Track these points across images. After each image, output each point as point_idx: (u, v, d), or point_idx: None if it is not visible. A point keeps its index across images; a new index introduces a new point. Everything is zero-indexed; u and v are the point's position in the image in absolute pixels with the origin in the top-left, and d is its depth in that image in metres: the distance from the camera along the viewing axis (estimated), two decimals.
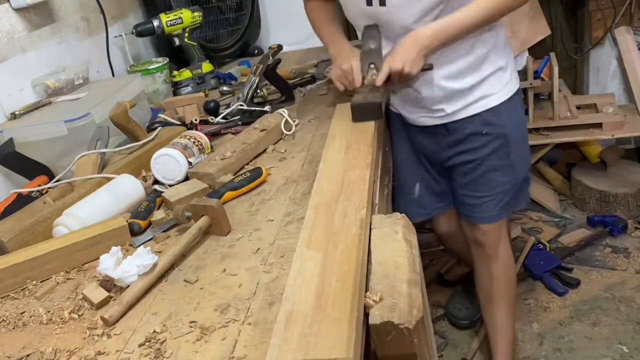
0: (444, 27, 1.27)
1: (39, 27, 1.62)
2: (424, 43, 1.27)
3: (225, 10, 2.30)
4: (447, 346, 2.02)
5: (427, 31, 1.27)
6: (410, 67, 1.28)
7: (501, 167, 1.50)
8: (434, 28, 1.28)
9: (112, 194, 1.14)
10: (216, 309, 0.81)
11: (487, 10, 1.27)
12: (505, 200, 1.54)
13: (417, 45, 1.27)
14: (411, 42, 1.28)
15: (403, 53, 1.28)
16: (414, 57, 1.27)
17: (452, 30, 1.28)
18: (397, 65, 1.27)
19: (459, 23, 1.27)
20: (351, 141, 1.17)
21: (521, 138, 1.54)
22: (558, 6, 2.72)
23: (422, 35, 1.27)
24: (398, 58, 1.28)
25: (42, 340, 0.82)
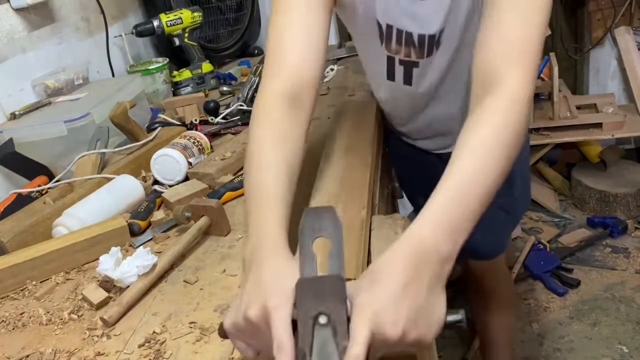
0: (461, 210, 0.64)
1: (39, 27, 1.62)
2: (440, 253, 0.60)
3: (225, 10, 2.30)
4: (447, 346, 2.02)
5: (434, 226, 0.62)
6: (421, 328, 0.57)
7: (503, 204, 1.29)
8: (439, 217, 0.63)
9: (112, 194, 1.14)
10: (216, 309, 0.80)
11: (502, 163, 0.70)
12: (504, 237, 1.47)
13: (430, 264, 0.59)
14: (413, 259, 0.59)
15: (399, 294, 0.56)
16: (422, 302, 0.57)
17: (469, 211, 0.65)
18: (390, 328, 0.54)
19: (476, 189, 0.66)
20: (351, 141, 1.17)
21: (525, 172, 1.41)
22: (558, 6, 2.72)
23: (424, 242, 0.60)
24: (390, 309, 0.55)
25: (42, 340, 0.82)
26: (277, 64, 0.86)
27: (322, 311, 0.53)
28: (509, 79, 0.73)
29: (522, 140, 0.73)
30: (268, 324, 0.55)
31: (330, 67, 1.86)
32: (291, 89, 0.84)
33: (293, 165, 0.79)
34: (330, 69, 1.85)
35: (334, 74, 1.83)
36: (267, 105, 0.83)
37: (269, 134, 0.79)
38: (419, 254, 0.58)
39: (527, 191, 1.46)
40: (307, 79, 0.86)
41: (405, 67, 1.09)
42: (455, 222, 0.62)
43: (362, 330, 0.52)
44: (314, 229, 0.60)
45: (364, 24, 1.06)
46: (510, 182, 1.17)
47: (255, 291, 0.58)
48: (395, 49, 1.07)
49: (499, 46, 0.76)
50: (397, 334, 0.54)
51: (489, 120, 0.70)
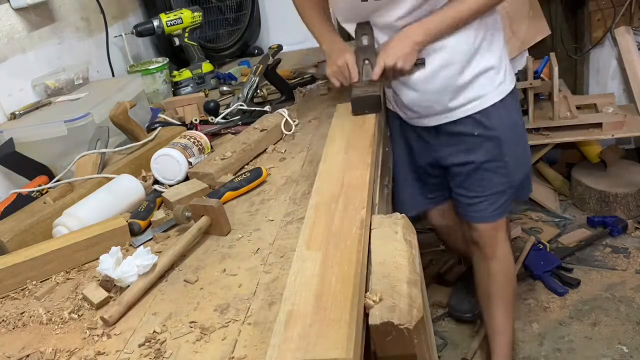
0: (436, 22, 1.31)
1: (39, 27, 1.62)
2: (416, 39, 1.31)
3: (225, 10, 2.30)
4: (447, 346, 2.02)
5: (419, 27, 1.31)
6: (403, 62, 1.31)
7: (495, 169, 1.49)
8: (426, 23, 1.31)
9: (112, 194, 1.14)
10: (216, 309, 0.81)
11: (477, 3, 1.30)
12: (502, 200, 1.54)
13: (410, 40, 1.31)
14: (404, 37, 1.32)
15: (396, 48, 1.32)
16: (407, 52, 1.31)
17: (444, 25, 1.31)
18: (391, 60, 1.31)
19: (450, 18, 1.30)
20: (351, 141, 1.17)
21: (516, 139, 1.51)
22: (558, 6, 2.72)
23: (414, 31, 1.31)
24: (391, 53, 1.32)
25: (42, 340, 0.82)
26: None
27: (366, 57, 1.37)
28: None
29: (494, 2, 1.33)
30: (347, 65, 1.38)
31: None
32: None
33: (326, 14, 1.53)
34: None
35: None
36: None
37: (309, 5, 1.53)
38: (407, 35, 1.32)
39: (522, 156, 1.55)
40: None
41: None
42: (432, 30, 1.31)
43: (380, 62, 1.34)
44: (360, 30, 1.39)
45: None
46: (501, 148, 1.47)
47: (338, 53, 1.41)
48: None
49: None
50: (393, 62, 1.31)
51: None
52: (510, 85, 1.46)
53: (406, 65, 1.32)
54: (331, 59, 1.43)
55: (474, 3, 1.30)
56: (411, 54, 1.32)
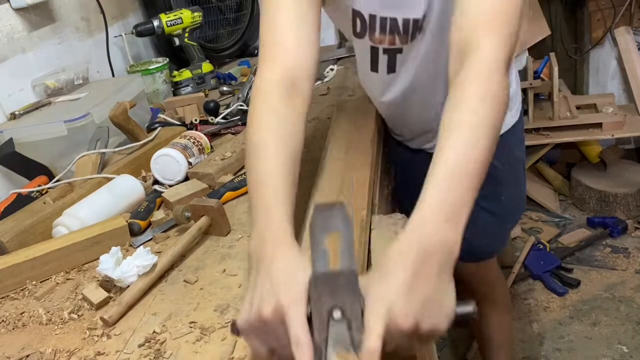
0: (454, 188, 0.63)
1: (39, 27, 1.62)
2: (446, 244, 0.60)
3: (225, 10, 2.30)
4: (447, 346, 2.02)
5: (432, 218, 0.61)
6: (434, 318, 0.57)
7: (488, 207, 1.22)
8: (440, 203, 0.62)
9: (112, 194, 1.14)
10: (216, 309, 0.81)
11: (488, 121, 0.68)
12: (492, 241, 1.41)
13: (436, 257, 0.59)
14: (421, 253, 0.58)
15: (410, 285, 0.57)
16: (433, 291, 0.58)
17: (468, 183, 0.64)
18: (403, 319, 0.55)
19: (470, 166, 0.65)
20: (351, 141, 1.17)
21: (517, 174, 1.33)
22: (558, 6, 2.72)
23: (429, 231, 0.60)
24: (402, 300, 0.56)
25: (42, 340, 0.82)
26: (271, 52, 0.87)
27: (337, 305, 0.55)
28: (484, 47, 0.72)
29: (504, 107, 0.71)
30: (283, 322, 0.55)
31: (330, 67, 1.86)
32: (287, 74, 0.84)
33: (294, 151, 0.78)
34: (330, 69, 1.85)
35: (333, 74, 1.83)
36: (264, 92, 0.82)
37: (267, 121, 0.79)
38: (426, 246, 0.59)
39: (519, 195, 1.39)
40: (303, 64, 0.86)
41: (389, 55, 1.08)
42: (454, 205, 0.62)
43: (376, 323, 0.53)
44: (324, 225, 0.60)
45: (346, 14, 1.06)
46: (496, 184, 1.20)
47: (268, 288, 0.58)
48: (379, 38, 1.05)
49: (471, 17, 0.75)
50: (410, 325, 0.54)
51: (469, 93, 0.69)
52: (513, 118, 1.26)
53: (442, 323, 0.58)
54: (254, 291, 0.61)
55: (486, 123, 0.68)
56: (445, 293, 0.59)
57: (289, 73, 0.84)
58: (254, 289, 0.61)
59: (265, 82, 0.84)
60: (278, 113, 0.80)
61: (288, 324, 0.55)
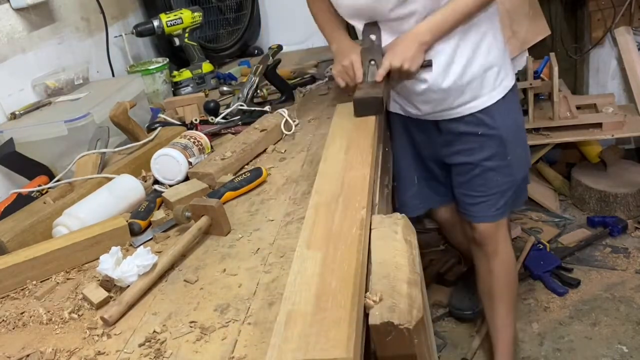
0: (441, 20, 1.30)
1: (39, 27, 1.62)
2: (422, 39, 1.30)
3: (225, 10, 2.30)
4: (447, 346, 2.02)
5: (424, 26, 1.30)
6: (409, 64, 1.29)
7: (498, 168, 1.49)
8: (431, 22, 1.30)
9: (112, 194, 1.14)
10: (216, 309, 0.81)
11: None
12: (504, 200, 1.54)
13: (416, 41, 1.30)
14: (410, 38, 1.30)
15: (402, 50, 1.30)
16: (413, 53, 1.29)
17: (448, 23, 1.30)
18: (397, 62, 1.29)
19: (454, 13, 1.29)
20: (351, 141, 1.17)
21: (518, 138, 1.52)
22: (558, 6, 2.72)
23: (420, 31, 1.30)
24: (397, 55, 1.30)
25: (42, 340, 0.82)
26: None
27: (372, 58, 1.36)
28: None
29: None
30: (352, 66, 1.36)
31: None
32: None
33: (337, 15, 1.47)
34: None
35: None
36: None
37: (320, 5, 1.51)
38: (414, 37, 1.31)
39: (523, 155, 1.56)
40: None
41: None
42: (434, 27, 1.30)
43: (385, 63, 1.32)
44: (367, 30, 1.38)
45: None
46: (504, 147, 1.48)
47: (346, 54, 1.39)
48: None
49: None
50: (399, 63, 1.30)
51: None
52: (511, 82, 1.47)
53: (413, 67, 1.30)
54: (337, 58, 1.42)
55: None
56: (418, 56, 1.30)
57: None
58: (337, 59, 1.43)
59: None
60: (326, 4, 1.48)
61: (354, 65, 1.36)
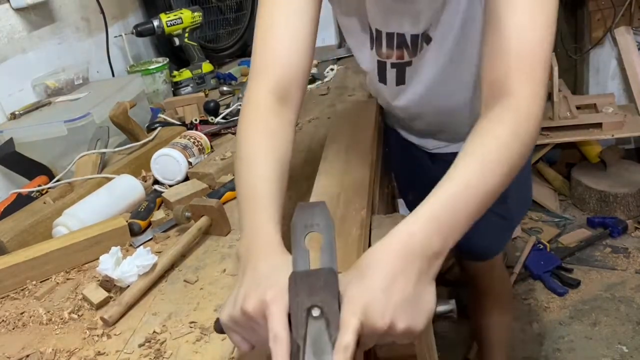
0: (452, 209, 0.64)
1: (39, 27, 1.62)
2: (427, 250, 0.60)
3: (225, 10, 2.30)
4: (447, 346, 2.02)
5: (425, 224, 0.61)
6: (410, 319, 0.57)
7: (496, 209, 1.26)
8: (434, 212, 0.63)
9: (112, 194, 1.14)
10: (216, 309, 0.81)
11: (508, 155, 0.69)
12: (498, 240, 1.44)
13: (414, 259, 0.59)
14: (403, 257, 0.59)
15: (389, 284, 0.57)
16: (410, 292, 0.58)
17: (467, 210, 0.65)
18: (377, 318, 0.55)
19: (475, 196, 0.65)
20: (351, 141, 1.17)
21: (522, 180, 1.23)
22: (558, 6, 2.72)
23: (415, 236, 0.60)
24: (379, 299, 0.56)
25: (42, 340, 0.82)
26: (264, 63, 0.86)
27: (315, 304, 0.55)
28: (520, 92, 0.71)
29: (528, 154, 0.71)
30: (264, 317, 0.56)
31: (330, 67, 1.86)
32: (278, 85, 0.84)
33: (283, 161, 0.78)
34: (330, 69, 1.85)
35: (333, 74, 1.83)
36: (255, 103, 0.83)
37: (257, 131, 0.80)
38: (408, 248, 0.59)
39: (525, 196, 1.42)
40: (295, 74, 0.85)
41: (397, 68, 1.07)
42: (447, 222, 0.62)
43: (351, 320, 0.54)
44: (306, 224, 0.62)
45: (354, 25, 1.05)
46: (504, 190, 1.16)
47: (252, 285, 0.59)
48: (386, 53, 1.04)
49: (506, 57, 0.73)
50: (385, 325, 0.55)
51: (497, 131, 0.69)
52: None
53: (416, 323, 0.58)
54: (239, 288, 0.61)
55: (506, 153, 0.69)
56: (424, 293, 0.60)
57: (281, 84, 0.84)
58: (239, 287, 0.61)
59: (256, 94, 0.83)
60: (267, 124, 0.81)
61: (268, 319, 0.55)
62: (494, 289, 1.56)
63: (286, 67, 0.85)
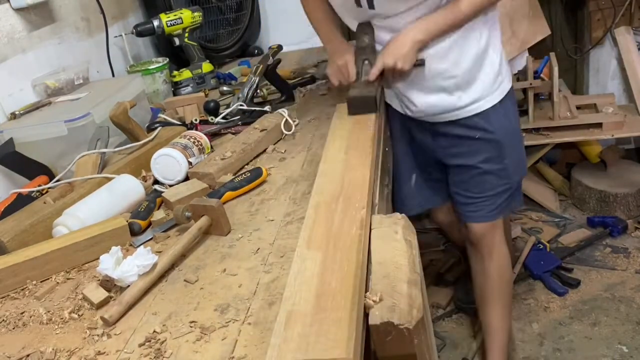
0: (436, 21, 1.29)
1: (39, 27, 1.62)
2: (416, 38, 1.29)
3: (225, 10, 2.30)
4: (447, 346, 2.02)
5: (419, 25, 1.29)
6: (402, 62, 1.29)
7: (495, 171, 1.49)
8: (426, 22, 1.29)
9: (112, 194, 1.14)
10: (216, 309, 0.81)
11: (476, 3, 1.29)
12: (499, 202, 1.54)
13: (409, 40, 1.29)
14: (403, 37, 1.30)
15: (395, 49, 1.30)
16: (406, 52, 1.29)
17: (444, 24, 1.30)
18: (390, 60, 1.29)
19: (450, 16, 1.29)
20: (351, 141, 1.17)
21: (515, 140, 1.53)
22: (558, 6, 2.72)
23: (414, 30, 1.29)
24: (390, 54, 1.30)
25: (42, 340, 0.82)
26: None
27: (366, 58, 1.36)
28: None
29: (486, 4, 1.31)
30: (346, 65, 1.39)
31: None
32: None
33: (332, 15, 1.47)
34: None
35: None
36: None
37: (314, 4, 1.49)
38: (405, 37, 1.30)
39: (519, 158, 1.56)
40: None
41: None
42: (428, 27, 1.30)
43: (378, 63, 1.33)
44: (361, 30, 1.38)
45: None
46: (500, 151, 1.47)
47: (340, 54, 1.41)
48: None
49: None
50: (392, 62, 1.30)
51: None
52: (508, 85, 1.46)
53: (405, 65, 1.30)
54: (332, 58, 1.44)
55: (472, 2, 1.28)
56: (410, 54, 1.30)
57: None
58: (331, 59, 1.45)
59: None
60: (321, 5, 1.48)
61: (348, 65, 1.38)
62: (495, 253, 1.62)
63: None
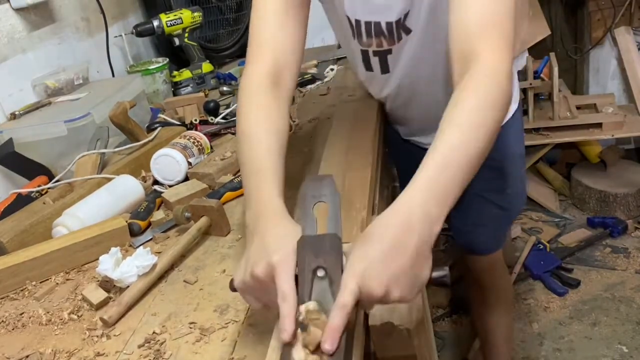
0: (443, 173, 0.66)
1: (39, 27, 1.62)
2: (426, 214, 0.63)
3: (225, 10, 2.30)
4: (447, 346, 2.02)
5: (419, 188, 0.65)
6: (402, 289, 0.60)
7: (496, 200, 1.36)
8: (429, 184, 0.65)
9: (112, 194, 1.14)
10: (216, 309, 0.81)
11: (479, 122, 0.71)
12: (500, 232, 1.47)
13: (414, 233, 0.61)
14: (401, 222, 0.62)
15: (387, 255, 0.60)
16: (410, 263, 0.60)
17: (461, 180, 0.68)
18: (375, 286, 0.58)
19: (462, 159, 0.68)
20: (351, 142, 1.17)
21: (519, 170, 1.40)
22: (558, 6, 2.73)
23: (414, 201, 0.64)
24: (377, 267, 0.59)
25: (42, 341, 0.82)
26: (259, 49, 0.93)
27: (320, 265, 0.61)
28: (486, 54, 0.75)
29: (504, 111, 0.75)
30: (273, 279, 0.62)
31: (330, 67, 1.86)
32: (272, 70, 0.91)
33: (281, 134, 0.86)
34: (330, 69, 1.85)
35: (334, 74, 1.83)
36: (252, 85, 0.90)
37: (255, 107, 0.87)
38: (410, 218, 0.62)
39: (522, 188, 1.46)
40: (288, 60, 0.93)
41: (379, 57, 1.13)
42: (443, 187, 0.65)
43: (350, 282, 0.58)
44: (314, 195, 0.70)
45: (339, 19, 1.11)
46: (504, 180, 1.32)
47: (261, 251, 0.65)
48: (366, 42, 1.10)
49: (470, 24, 0.78)
50: (381, 291, 0.58)
51: (471, 96, 0.72)
52: (515, 105, 1.31)
53: (410, 292, 0.61)
54: (249, 254, 0.68)
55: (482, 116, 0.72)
56: (421, 262, 0.62)
57: (274, 68, 0.91)
58: (248, 253, 0.67)
59: (252, 77, 0.91)
60: (264, 100, 0.88)
61: (276, 279, 0.61)
62: (497, 284, 1.59)
63: (279, 53, 0.92)
